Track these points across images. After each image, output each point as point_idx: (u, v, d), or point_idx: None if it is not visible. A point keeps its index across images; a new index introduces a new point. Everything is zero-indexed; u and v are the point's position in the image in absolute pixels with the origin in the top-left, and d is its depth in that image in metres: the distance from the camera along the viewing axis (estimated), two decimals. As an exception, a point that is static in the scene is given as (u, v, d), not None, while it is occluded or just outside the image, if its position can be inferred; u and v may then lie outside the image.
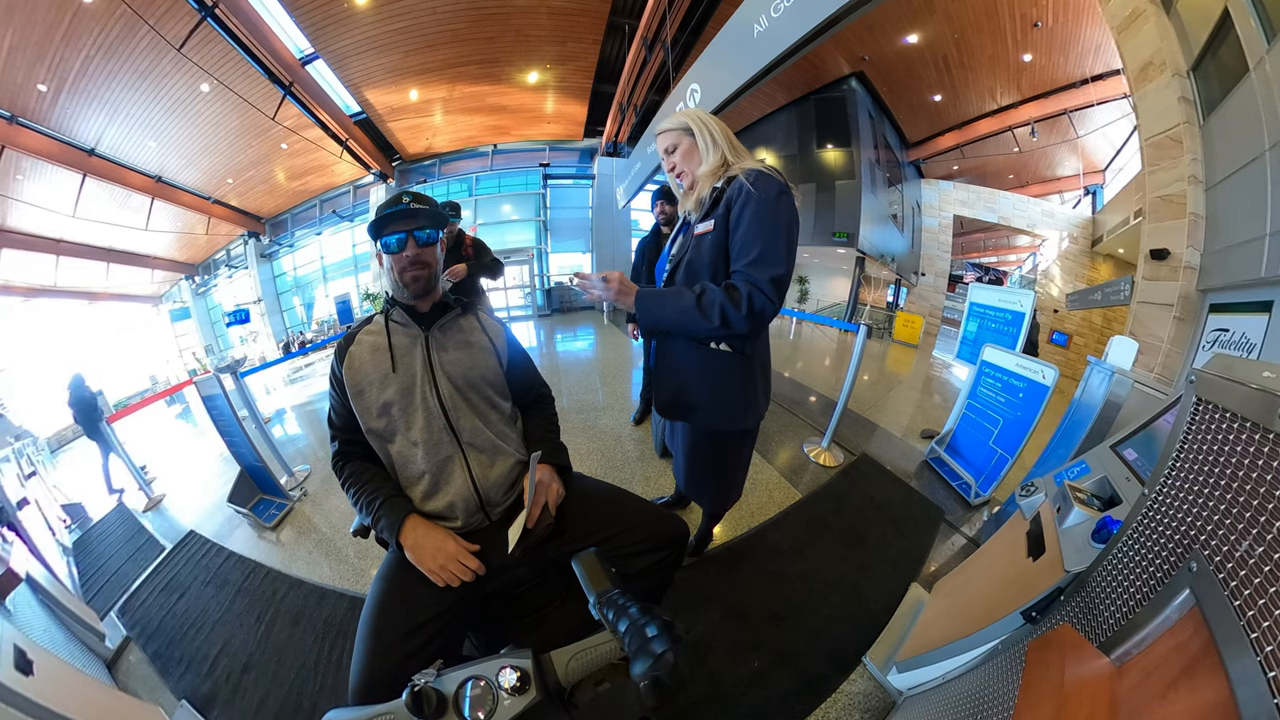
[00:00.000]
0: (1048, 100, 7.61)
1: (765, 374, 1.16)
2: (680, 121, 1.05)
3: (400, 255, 0.93)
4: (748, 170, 0.96)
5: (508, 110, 8.81)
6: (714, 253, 0.99)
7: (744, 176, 0.94)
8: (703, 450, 1.24)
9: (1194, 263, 2.67)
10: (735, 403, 1.10)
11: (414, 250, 0.93)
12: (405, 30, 6.24)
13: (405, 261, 0.93)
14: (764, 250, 0.91)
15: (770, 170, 0.97)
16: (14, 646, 0.99)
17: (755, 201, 0.92)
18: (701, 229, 1.01)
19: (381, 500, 0.90)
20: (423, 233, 0.94)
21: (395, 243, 0.92)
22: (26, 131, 6.02)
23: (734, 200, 0.95)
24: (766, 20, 2.90)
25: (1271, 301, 2.25)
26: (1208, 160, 2.64)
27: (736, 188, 0.95)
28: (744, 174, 0.95)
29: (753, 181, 0.93)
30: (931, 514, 1.99)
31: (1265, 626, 0.40)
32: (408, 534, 0.87)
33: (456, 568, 0.84)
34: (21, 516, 2.19)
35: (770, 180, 0.94)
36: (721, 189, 0.99)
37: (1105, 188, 8.15)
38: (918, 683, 1.09)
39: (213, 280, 12.26)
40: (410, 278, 0.94)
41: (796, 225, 0.96)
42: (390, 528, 0.88)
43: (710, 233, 0.99)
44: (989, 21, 6.37)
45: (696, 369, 1.10)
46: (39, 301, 9.08)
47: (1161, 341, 2.75)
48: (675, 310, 0.95)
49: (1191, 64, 2.71)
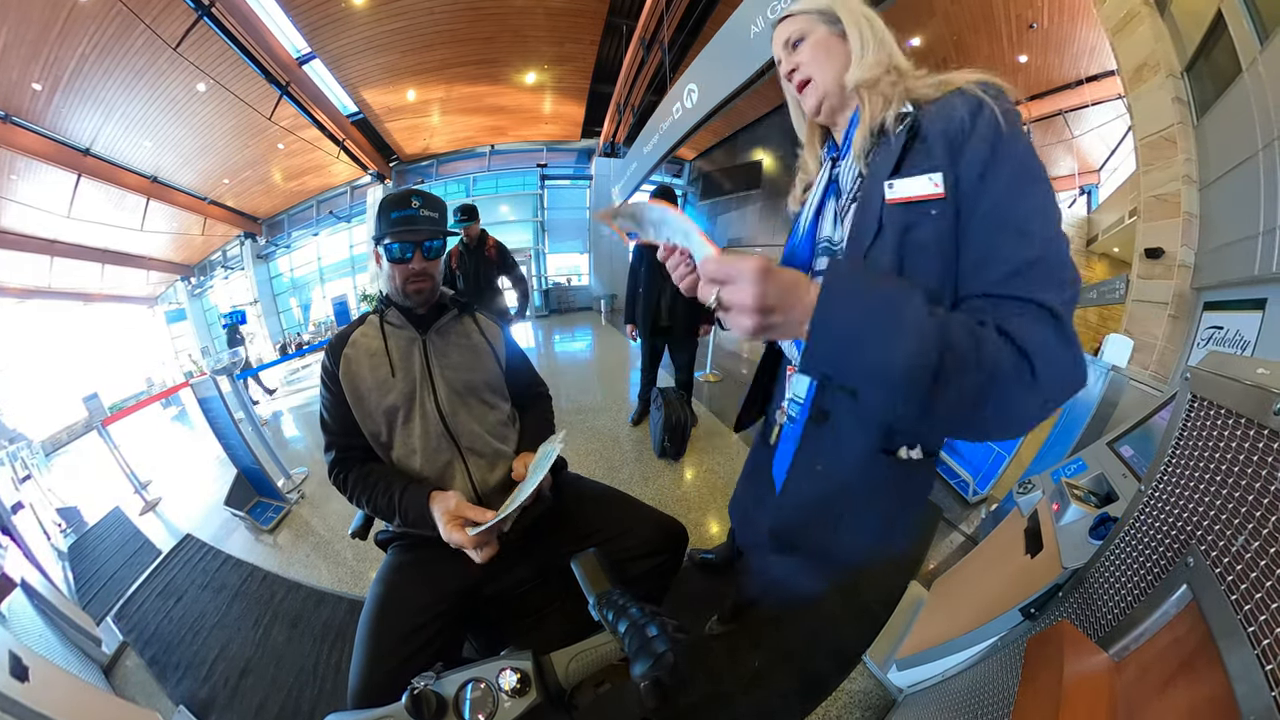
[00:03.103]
0: (1043, 101, 7.64)
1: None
2: (821, 4, 0.60)
3: (405, 265, 0.89)
4: (983, 83, 0.50)
5: (505, 111, 8.79)
6: (944, 252, 0.50)
7: (978, 89, 0.49)
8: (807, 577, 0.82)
9: (1188, 261, 2.69)
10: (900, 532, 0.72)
11: (421, 264, 0.89)
12: (402, 30, 6.22)
13: (409, 273, 0.90)
14: (1042, 252, 0.46)
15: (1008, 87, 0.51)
16: (9, 653, 0.98)
17: (1015, 146, 0.47)
18: (908, 191, 0.51)
19: (399, 494, 0.86)
20: (431, 245, 0.90)
21: (399, 250, 0.88)
22: (20, 131, 5.98)
23: (966, 133, 0.48)
24: (764, 21, 2.90)
25: (1265, 299, 2.27)
26: (1201, 160, 2.66)
27: (963, 109, 0.49)
28: (972, 86, 0.50)
29: (999, 103, 0.48)
30: (930, 512, 1.99)
31: (1262, 620, 0.40)
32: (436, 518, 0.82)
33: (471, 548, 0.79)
34: (16, 521, 2.17)
35: (1016, 109, 0.50)
36: (913, 117, 0.52)
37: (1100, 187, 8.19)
38: (918, 680, 1.09)
39: (209, 281, 12.19)
40: (413, 289, 0.91)
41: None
42: (420, 519, 0.83)
43: (938, 202, 0.49)
44: (985, 23, 6.41)
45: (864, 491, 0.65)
46: (33, 303, 9.01)
47: (1156, 339, 2.77)
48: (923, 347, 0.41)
49: (1185, 65, 2.73)
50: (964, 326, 0.43)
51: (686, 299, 0.53)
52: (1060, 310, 0.44)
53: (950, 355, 0.41)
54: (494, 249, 2.77)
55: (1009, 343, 0.42)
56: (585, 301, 10.25)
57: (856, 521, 0.69)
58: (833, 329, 0.43)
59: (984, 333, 0.43)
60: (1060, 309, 0.44)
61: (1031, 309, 0.44)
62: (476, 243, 2.73)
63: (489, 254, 2.76)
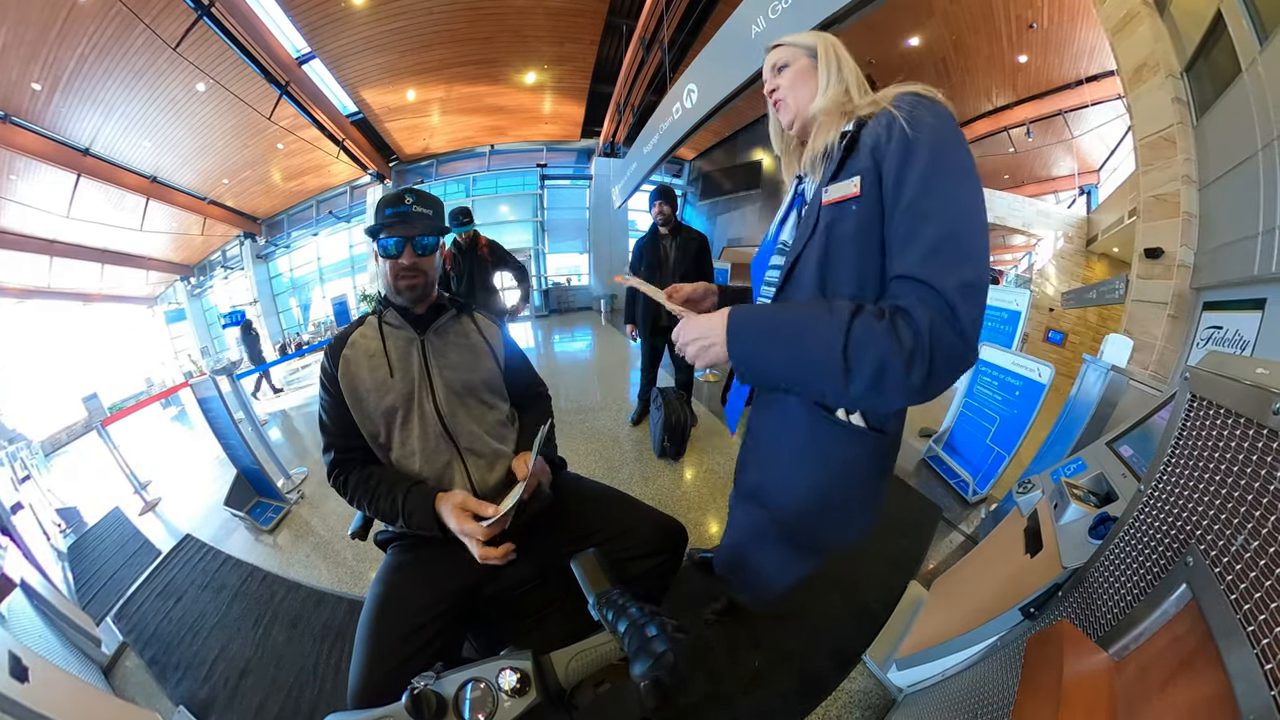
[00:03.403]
0: (1043, 101, 7.65)
1: (893, 465, 0.81)
2: (808, 40, 0.73)
3: (396, 261, 0.89)
4: (899, 96, 0.60)
5: (505, 111, 8.79)
6: (862, 240, 0.60)
7: (894, 105, 0.59)
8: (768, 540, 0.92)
9: (1188, 261, 2.69)
10: (849, 509, 0.79)
11: (411, 259, 0.90)
12: (402, 30, 6.22)
13: (400, 269, 0.90)
14: (947, 232, 0.53)
15: (930, 92, 0.61)
16: (9, 653, 0.98)
17: (923, 143, 0.55)
18: (836, 194, 0.62)
19: (403, 496, 0.86)
20: (422, 241, 0.90)
21: (393, 246, 0.89)
22: (20, 130, 5.97)
23: (883, 143, 0.58)
24: (764, 21, 2.90)
25: (1264, 299, 2.27)
26: (1201, 160, 2.67)
27: (883, 123, 0.59)
28: (894, 101, 0.60)
29: (910, 110, 0.57)
30: (930, 512, 1.99)
31: (1261, 619, 0.40)
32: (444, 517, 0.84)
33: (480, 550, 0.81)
34: (16, 521, 2.17)
35: (934, 106, 0.59)
36: (854, 135, 0.62)
37: (1100, 188, 8.20)
38: (918, 680, 1.09)
39: (208, 281, 12.19)
40: (405, 285, 0.91)
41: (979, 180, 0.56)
42: (425, 520, 0.84)
43: (855, 199, 0.59)
44: (985, 23, 6.40)
45: (805, 451, 0.76)
46: (33, 303, 9.00)
47: (1156, 339, 2.77)
48: (796, 355, 0.56)
49: (1185, 65, 2.74)
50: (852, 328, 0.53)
51: None
52: (951, 293, 0.51)
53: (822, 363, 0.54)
54: (486, 248, 2.77)
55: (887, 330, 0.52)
56: (585, 301, 10.25)
57: (796, 473, 0.79)
58: (737, 349, 0.60)
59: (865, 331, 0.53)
60: (953, 292, 0.51)
61: (929, 294, 0.52)
62: (469, 243, 2.73)
63: (482, 253, 2.76)
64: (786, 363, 0.57)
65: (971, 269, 0.52)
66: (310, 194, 10.64)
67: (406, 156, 9.78)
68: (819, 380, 0.56)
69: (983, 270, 0.52)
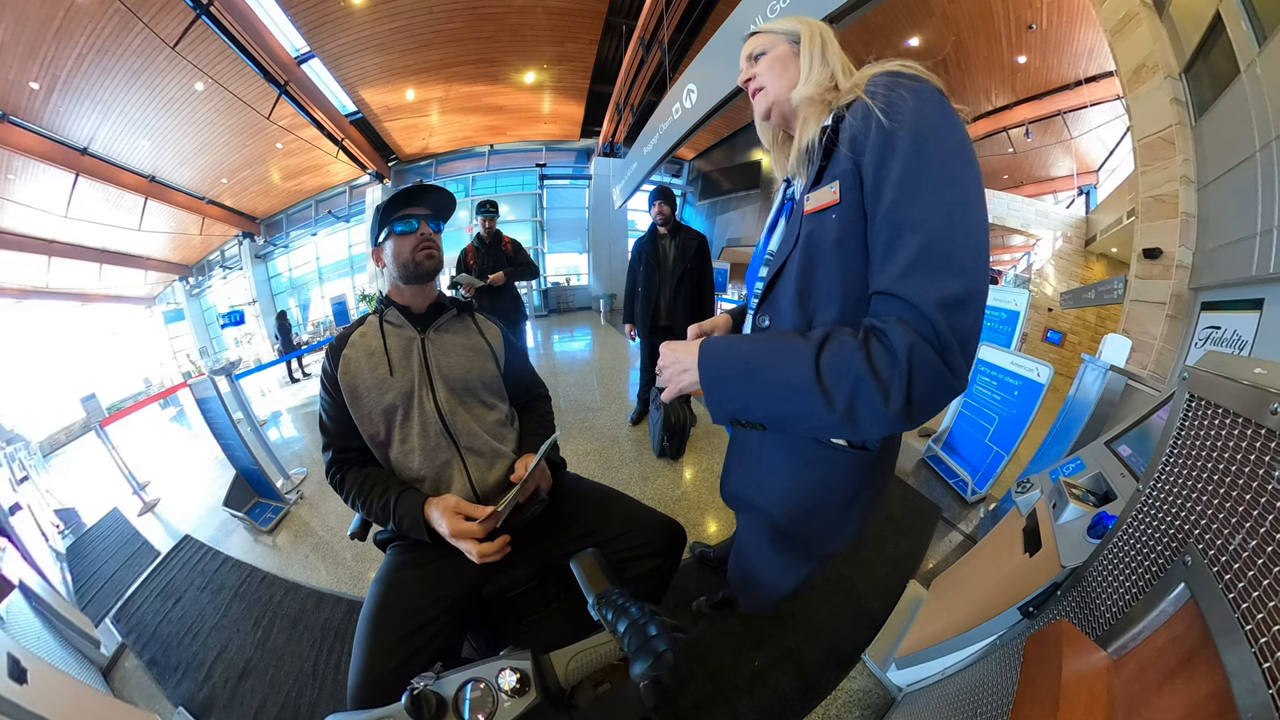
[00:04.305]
0: (1042, 102, 7.66)
1: (889, 474, 0.77)
2: (789, 25, 0.65)
3: (412, 234, 0.92)
4: (873, 79, 0.54)
5: (504, 110, 8.78)
6: (845, 250, 0.55)
7: (868, 90, 0.53)
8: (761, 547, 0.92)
9: (1186, 261, 2.70)
10: (836, 519, 0.76)
11: (427, 231, 0.94)
12: (401, 29, 6.21)
13: (419, 238, 0.93)
14: (931, 239, 0.46)
15: (910, 69, 0.54)
16: (8, 655, 0.98)
17: (901, 135, 0.49)
18: (815, 202, 0.57)
19: (395, 498, 0.87)
20: (434, 223, 0.96)
21: (414, 221, 0.93)
22: (18, 130, 5.96)
23: (860, 138, 0.52)
24: (763, 21, 2.90)
25: (1262, 299, 2.27)
26: (1199, 161, 2.67)
27: (858, 115, 0.53)
28: (868, 86, 0.54)
29: (886, 95, 0.51)
30: (929, 511, 1.99)
31: (1259, 619, 0.40)
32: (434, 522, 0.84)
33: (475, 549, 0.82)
34: (14, 522, 2.16)
35: (915, 85, 0.51)
36: (832, 130, 0.56)
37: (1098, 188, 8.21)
38: (917, 679, 1.09)
39: (207, 281, 12.16)
40: (424, 255, 0.93)
41: (976, 167, 0.49)
42: (415, 524, 0.84)
43: (834, 207, 0.54)
44: (984, 24, 6.41)
45: (788, 466, 0.74)
46: (31, 303, 8.98)
47: (1154, 339, 2.78)
48: (771, 388, 0.51)
49: (1184, 66, 2.74)
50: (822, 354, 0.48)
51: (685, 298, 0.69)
52: (934, 311, 0.45)
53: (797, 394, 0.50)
54: (510, 245, 2.84)
55: (865, 353, 0.47)
56: (584, 301, 10.25)
57: (776, 482, 0.78)
58: (707, 378, 0.57)
59: (839, 357, 0.48)
60: (936, 309, 0.45)
61: (910, 312, 0.46)
62: (492, 239, 2.78)
63: (506, 249, 2.81)
64: (756, 394, 0.53)
65: (960, 281, 0.45)
66: (309, 194, 10.62)
67: (406, 156, 9.76)
68: (791, 412, 0.51)
69: (974, 282, 0.45)
